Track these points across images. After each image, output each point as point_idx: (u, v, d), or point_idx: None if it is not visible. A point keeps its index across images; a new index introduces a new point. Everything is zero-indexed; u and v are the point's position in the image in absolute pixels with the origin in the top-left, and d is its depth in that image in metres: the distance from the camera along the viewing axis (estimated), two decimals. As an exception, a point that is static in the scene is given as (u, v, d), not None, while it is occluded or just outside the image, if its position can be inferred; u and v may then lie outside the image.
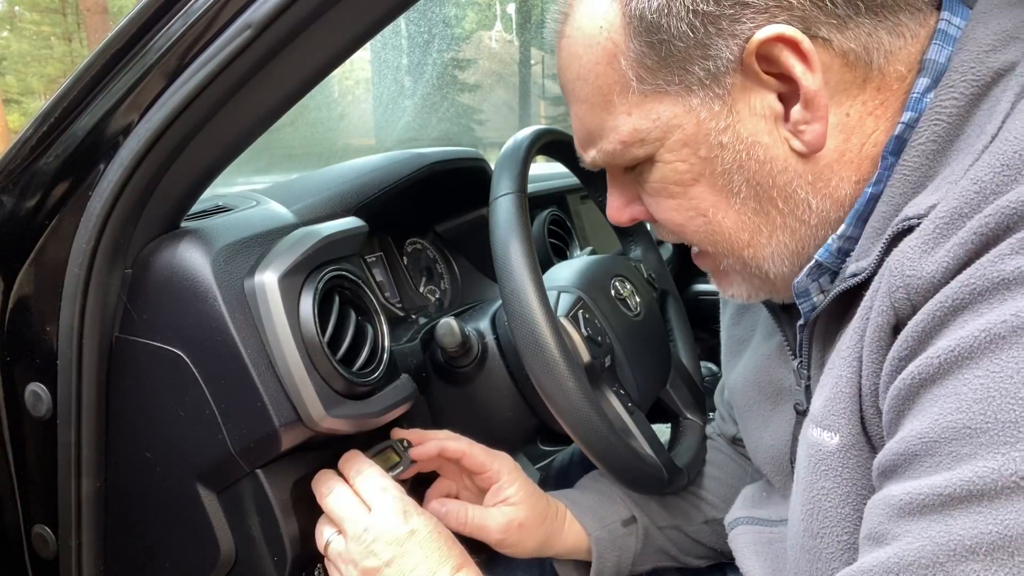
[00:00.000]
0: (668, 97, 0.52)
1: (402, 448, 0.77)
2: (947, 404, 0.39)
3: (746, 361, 0.73)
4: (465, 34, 9.30)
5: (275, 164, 1.96)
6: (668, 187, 0.56)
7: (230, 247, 0.67)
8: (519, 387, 0.83)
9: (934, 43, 0.49)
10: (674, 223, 0.58)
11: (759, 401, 0.70)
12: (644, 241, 1.04)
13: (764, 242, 0.55)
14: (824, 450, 0.49)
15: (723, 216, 0.55)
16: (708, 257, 0.60)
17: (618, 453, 0.69)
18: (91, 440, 0.69)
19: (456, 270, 1.16)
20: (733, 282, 0.60)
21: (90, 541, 0.73)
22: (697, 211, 0.55)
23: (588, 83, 0.55)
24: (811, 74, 0.48)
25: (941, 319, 0.40)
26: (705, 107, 0.51)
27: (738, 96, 0.51)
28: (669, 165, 0.54)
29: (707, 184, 0.54)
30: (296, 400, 0.65)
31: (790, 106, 0.50)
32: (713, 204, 0.54)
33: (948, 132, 0.47)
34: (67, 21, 12.60)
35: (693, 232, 0.57)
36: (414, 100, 4.46)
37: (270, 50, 0.57)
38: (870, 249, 0.49)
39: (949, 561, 0.37)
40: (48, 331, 0.68)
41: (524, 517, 0.74)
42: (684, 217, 0.56)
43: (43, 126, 0.66)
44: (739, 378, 0.74)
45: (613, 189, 0.62)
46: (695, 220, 0.56)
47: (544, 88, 10.24)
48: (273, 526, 0.68)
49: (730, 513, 0.76)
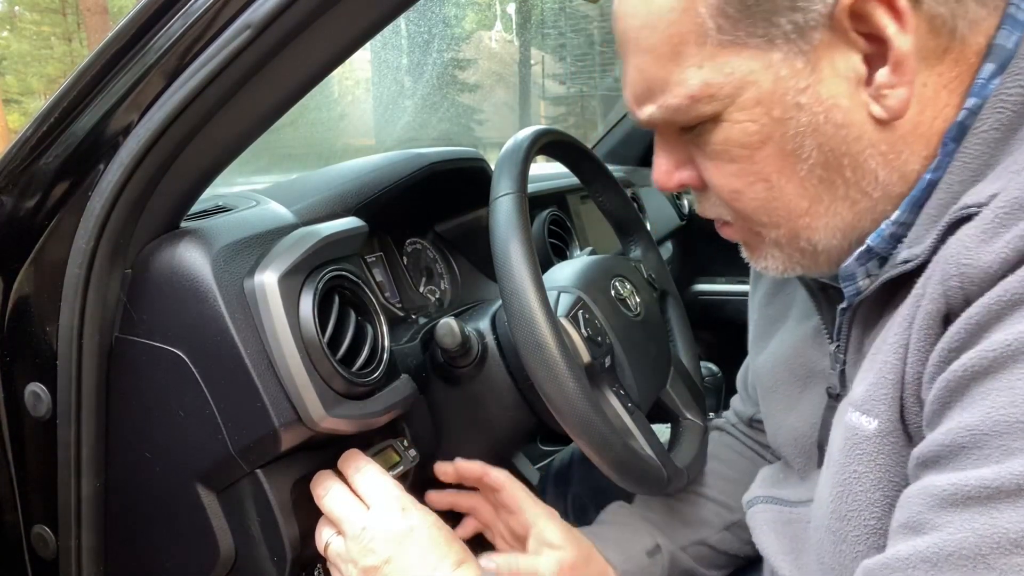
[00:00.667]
0: (747, 50, 0.49)
1: (402, 448, 0.77)
2: (1000, 398, 0.38)
3: (778, 341, 0.72)
4: (465, 34, 9.30)
5: (275, 164, 1.96)
6: (731, 149, 0.52)
7: (230, 247, 0.67)
8: (519, 387, 0.83)
9: (1003, 28, 0.48)
10: (730, 188, 0.54)
11: (788, 382, 0.69)
12: (644, 241, 1.04)
13: (822, 212, 0.52)
14: (861, 434, 0.49)
15: (786, 182, 0.52)
16: (743, 227, 0.57)
17: (618, 453, 0.69)
18: (91, 440, 0.69)
19: (456, 270, 1.16)
20: (769, 254, 0.57)
21: (90, 541, 0.73)
22: (759, 176, 0.52)
23: (658, 31, 0.50)
24: (903, 35, 0.46)
25: (997, 313, 0.40)
26: (786, 64, 0.48)
27: (822, 54, 0.48)
28: (737, 125, 0.51)
29: (775, 147, 0.51)
30: (296, 400, 0.65)
31: (874, 69, 0.48)
32: (778, 169, 0.51)
33: (1012, 121, 0.46)
34: (67, 21, 12.60)
35: (750, 199, 0.54)
36: (414, 100, 4.46)
37: (270, 50, 0.57)
38: (924, 236, 0.48)
39: (992, 553, 0.37)
40: (48, 331, 0.68)
41: (573, 558, 0.72)
42: (744, 183, 0.53)
43: (43, 126, 0.66)
44: (769, 358, 0.72)
45: (662, 152, 0.58)
46: (755, 186, 0.53)
47: (544, 88, 10.24)
48: (273, 526, 0.68)
49: (748, 492, 0.75)
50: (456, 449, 0.88)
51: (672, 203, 2.05)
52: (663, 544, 0.80)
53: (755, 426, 0.91)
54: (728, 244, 0.62)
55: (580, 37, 9.01)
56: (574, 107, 10.11)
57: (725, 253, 2.31)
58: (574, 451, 1.04)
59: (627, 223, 1.02)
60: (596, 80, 8.69)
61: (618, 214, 1.01)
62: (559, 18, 9.37)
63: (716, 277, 2.21)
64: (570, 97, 10.06)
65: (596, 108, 8.88)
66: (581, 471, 1.00)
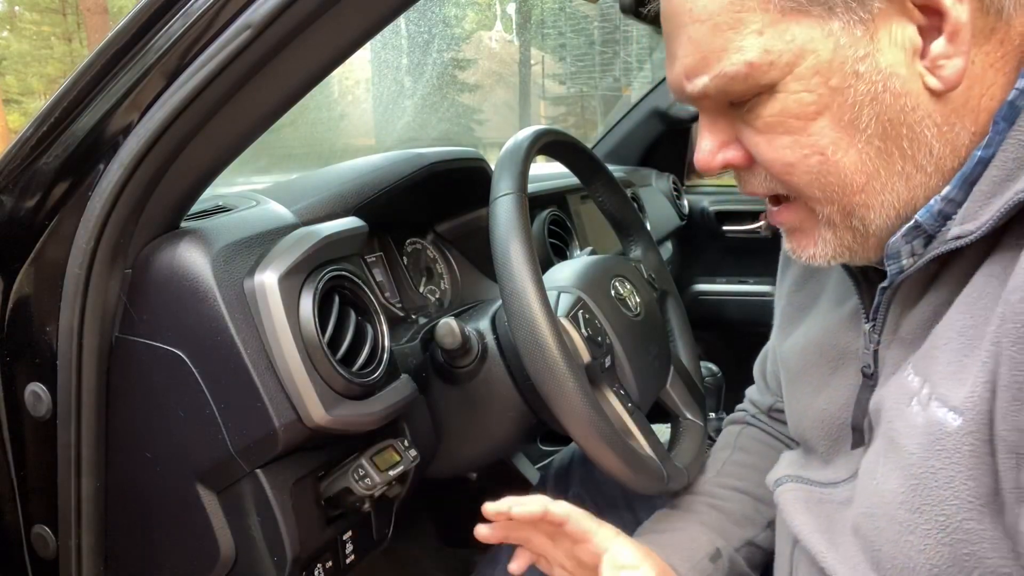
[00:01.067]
0: (808, 18, 0.48)
1: (402, 448, 0.77)
2: None
3: (809, 325, 0.71)
4: (465, 34, 9.30)
5: (275, 164, 1.96)
6: (787, 121, 0.51)
7: (230, 247, 0.67)
8: (519, 387, 0.83)
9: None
10: (784, 163, 0.53)
11: (818, 365, 0.68)
12: (644, 241, 1.04)
13: (878, 188, 0.52)
14: (944, 430, 0.48)
15: (843, 155, 0.51)
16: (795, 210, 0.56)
17: (618, 453, 0.69)
18: (91, 440, 0.69)
19: (456, 270, 1.16)
20: (819, 239, 0.56)
21: (90, 541, 0.73)
22: (815, 149, 0.51)
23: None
24: (960, 4, 0.47)
25: None
26: (846, 32, 0.48)
27: (880, 24, 0.48)
28: (793, 96, 0.50)
29: (832, 118, 0.50)
30: (296, 400, 0.65)
31: (928, 41, 0.48)
32: (834, 141, 0.50)
33: None
34: (67, 21, 12.60)
35: (804, 173, 0.52)
36: (414, 100, 4.46)
37: (270, 50, 0.57)
38: (978, 213, 0.48)
39: None
40: (48, 331, 0.68)
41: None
42: (798, 155, 0.52)
43: (43, 126, 0.66)
44: (799, 342, 0.72)
45: (708, 130, 0.56)
46: (810, 159, 0.52)
47: (544, 88, 10.24)
48: (273, 526, 0.68)
49: (773, 472, 0.74)
50: (456, 449, 0.88)
51: (672, 203, 2.05)
52: (722, 548, 0.78)
53: (774, 416, 0.91)
54: (728, 244, 0.62)
55: (580, 37, 9.01)
56: (574, 107, 10.12)
57: (725, 253, 2.31)
58: (574, 451, 1.04)
59: (627, 223, 1.02)
60: (596, 80, 8.69)
61: (618, 214, 1.01)
62: (559, 18, 9.38)
63: (716, 277, 2.21)
64: (570, 97, 10.07)
65: (596, 108, 8.88)
66: (581, 471, 1.00)
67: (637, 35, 5.86)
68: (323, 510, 0.73)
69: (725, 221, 2.15)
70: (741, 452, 0.89)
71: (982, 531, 0.46)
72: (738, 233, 2.14)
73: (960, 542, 0.47)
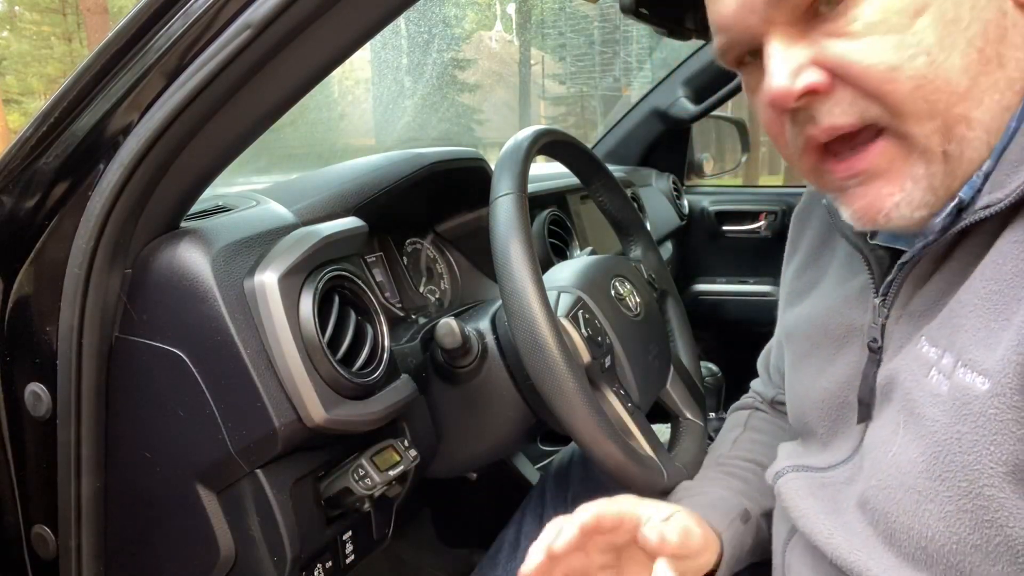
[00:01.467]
0: None
1: (402, 448, 0.77)
2: None
3: (814, 304, 0.71)
4: (465, 34, 9.30)
5: (275, 164, 1.96)
6: (890, 18, 0.48)
7: (230, 247, 0.67)
8: (519, 387, 0.83)
9: None
10: (888, 65, 0.49)
11: (822, 345, 0.68)
12: (644, 241, 1.04)
13: (979, 96, 0.50)
14: (971, 394, 0.47)
15: (947, 56, 0.48)
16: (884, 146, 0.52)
17: (618, 453, 0.69)
18: (91, 440, 0.69)
19: (456, 270, 1.16)
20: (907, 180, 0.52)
21: (90, 541, 0.73)
22: (920, 47, 0.48)
23: None
24: None
25: None
26: None
27: None
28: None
29: (934, 15, 0.48)
30: (296, 400, 0.65)
31: None
32: (939, 39, 0.48)
33: None
34: (67, 21, 12.60)
35: (908, 78, 0.49)
36: (414, 100, 4.47)
37: (270, 50, 0.57)
38: (1006, 181, 0.48)
39: None
40: (48, 331, 0.68)
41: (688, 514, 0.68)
42: (903, 56, 0.49)
43: (43, 126, 0.66)
44: (803, 322, 0.72)
45: (779, 55, 0.52)
46: (916, 60, 0.49)
47: (544, 88, 10.25)
48: (273, 526, 0.68)
49: (772, 467, 0.73)
50: (456, 449, 0.88)
51: (672, 203, 2.05)
52: (750, 509, 0.76)
53: (777, 407, 0.91)
54: (728, 244, 0.62)
55: (580, 37, 9.01)
56: (574, 107, 10.12)
57: (725, 253, 2.32)
58: (574, 451, 1.04)
59: (627, 223, 1.02)
60: (596, 80, 8.69)
61: (618, 214, 1.01)
62: (559, 18, 9.38)
63: (716, 277, 2.21)
64: (570, 97, 10.07)
65: (596, 108, 8.89)
66: (581, 471, 1.00)
67: (637, 35, 5.86)
68: (323, 510, 0.73)
69: (725, 221, 2.15)
70: (752, 431, 0.88)
71: (1003, 499, 0.46)
72: (738, 233, 2.14)
73: (982, 508, 0.47)
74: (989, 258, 0.49)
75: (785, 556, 0.68)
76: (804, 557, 0.64)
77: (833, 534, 0.60)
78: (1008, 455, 0.46)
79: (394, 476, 0.73)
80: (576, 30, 9.16)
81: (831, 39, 0.50)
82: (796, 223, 0.79)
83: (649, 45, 4.09)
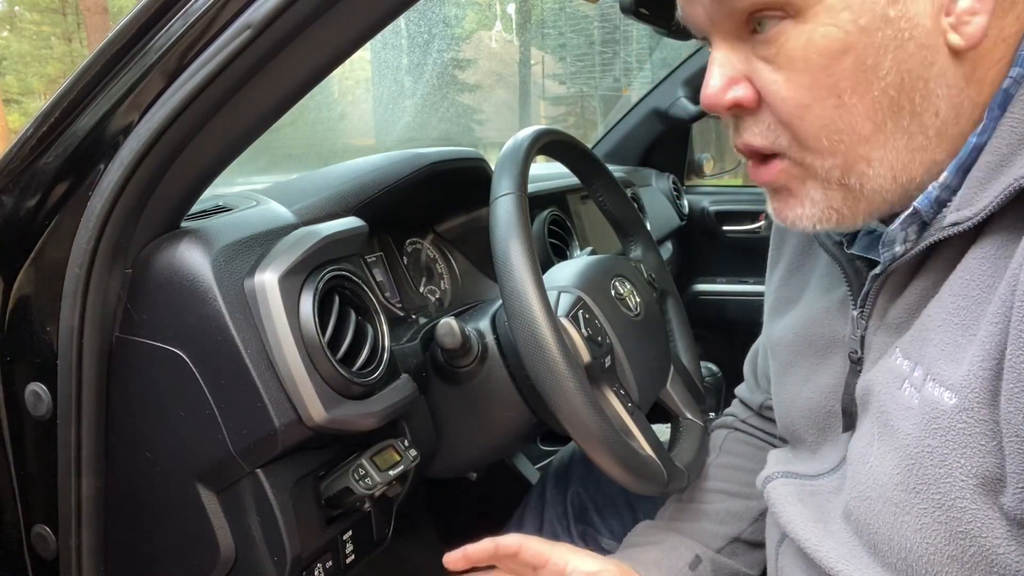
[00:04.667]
0: None
1: (402, 448, 0.77)
2: None
3: (797, 315, 0.72)
4: (465, 34, 9.30)
5: (275, 164, 1.96)
6: (810, 57, 0.49)
7: (230, 247, 0.67)
8: (519, 387, 0.83)
9: None
10: (798, 103, 0.51)
11: (806, 355, 0.69)
12: (644, 241, 1.04)
13: (882, 141, 0.51)
14: (939, 408, 0.48)
15: (858, 100, 0.50)
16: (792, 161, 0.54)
17: (618, 453, 0.69)
18: (91, 440, 0.69)
19: (456, 270, 1.16)
20: (808, 198, 0.54)
21: (90, 541, 0.73)
22: (832, 91, 0.50)
23: None
24: None
25: None
26: None
27: None
28: (821, 29, 0.49)
29: (854, 59, 0.49)
30: (296, 400, 0.65)
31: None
32: (852, 85, 0.49)
33: None
34: (67, 21, 12.59)
35: (816, 117, 0.51)
36: (414, 100, 4.46)
37: (270, 50, 0.57)
38: (974, 199, 0.48)
39: None
40: (48, 331, 0.68)
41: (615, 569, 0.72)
42: (814, 96, 0.50)
43: (43, 126, 0.66)
44: (787, 332, 0.72)
45: (718, 64, 0.54)
46: (825, 102, 0.50)
47: (544, 88, 10.23)
48: (273, 526, 0.68)
49: (762, 472, 0.74)
50: (456, 449, 0.88)
51: (672, 203, 2.05)
52: (702, 553, 0.79)
53: (764, 414, 0.91)
54: (728, 244, 0.62)
55: (580, 37, 9.01)
56: (574, 107, 10.11)
57: (725, 253, 2.32)
58: (574, 451, 1.04)
59: (627, 223, 1.02)
60: (596, 80, 8.68)
61: (618, 214, 1.01)
62: (559, 18, 9.37)
63: (716, 277, 2.21)
64: (570, 97, 10.06)
65: (596, 108, 8.88)
66: (581, 471, 1.01)
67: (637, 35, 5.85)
68: (323, 510, 0.73)
69: (725, 221, 2.15)
70: (725, 455, 0.90)
71: (975, 511, 0.47)
72: (738, 233, 2.14)
73: (955, 520, 0.48)
74: (956, 273, 0.50)
75: (778, 560, 0.68)
76: (796, 560, 0.65)
77: (822, 542, 0.61)
78: (977, 468, 0.46)
79: (394, 476, 0.74)
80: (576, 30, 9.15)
81: (762, 63, 0.52)
82: (777, 230, 0.80)
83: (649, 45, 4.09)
